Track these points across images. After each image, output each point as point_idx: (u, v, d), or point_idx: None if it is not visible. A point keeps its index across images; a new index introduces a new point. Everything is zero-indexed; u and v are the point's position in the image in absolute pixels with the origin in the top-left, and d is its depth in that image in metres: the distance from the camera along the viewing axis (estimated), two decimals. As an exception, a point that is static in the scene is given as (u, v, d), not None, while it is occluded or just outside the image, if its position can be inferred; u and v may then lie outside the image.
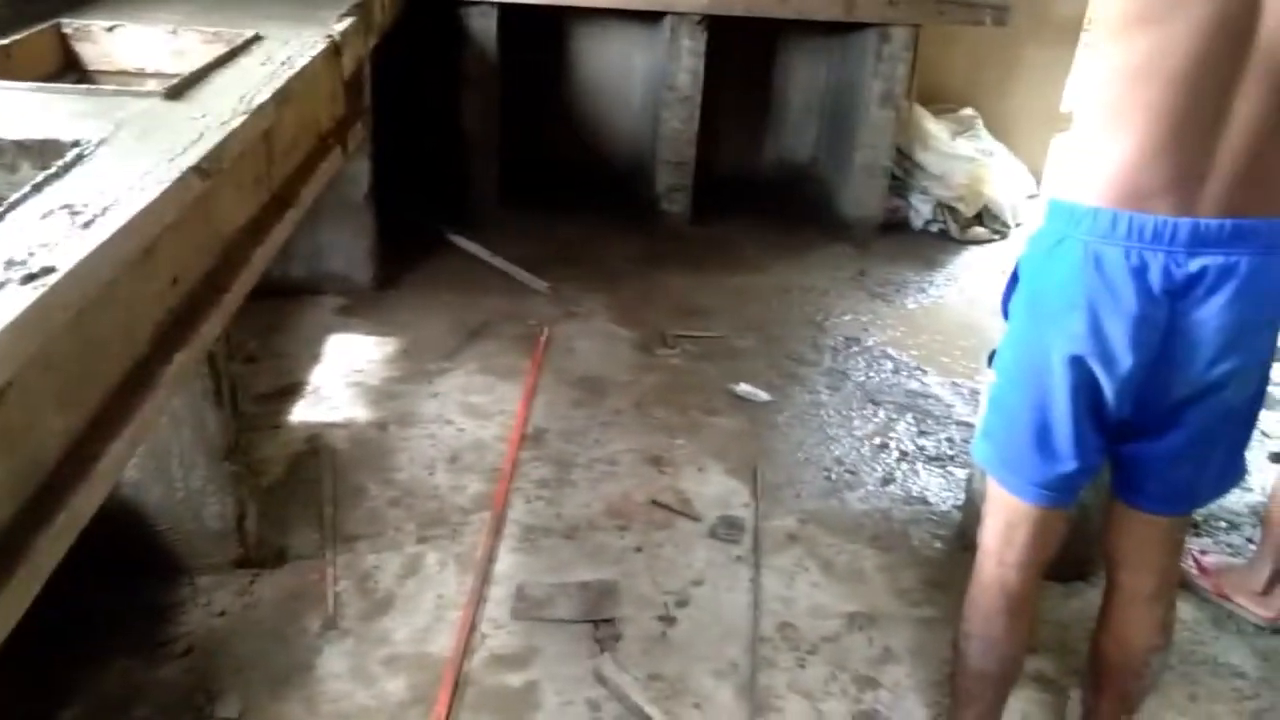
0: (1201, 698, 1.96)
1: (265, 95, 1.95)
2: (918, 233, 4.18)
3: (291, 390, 2.73)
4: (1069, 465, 1.39)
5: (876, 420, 2.84)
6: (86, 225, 1.29)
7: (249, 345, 2.87)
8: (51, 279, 1.14)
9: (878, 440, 2.74)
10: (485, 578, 2.12)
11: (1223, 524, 2.48)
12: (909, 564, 2.28)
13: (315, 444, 2.51)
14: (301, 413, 2.65)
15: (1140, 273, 1.25)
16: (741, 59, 4.24)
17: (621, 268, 3.72)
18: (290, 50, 2.27)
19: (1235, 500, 2.55)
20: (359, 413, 2.66)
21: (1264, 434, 2.66)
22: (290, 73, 2.12)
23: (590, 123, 4.32)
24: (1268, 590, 2.14)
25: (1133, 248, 1.25)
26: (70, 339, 1.22)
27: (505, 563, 2.18)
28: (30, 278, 1.14)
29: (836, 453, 2.68)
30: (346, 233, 3.22)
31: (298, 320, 3.09)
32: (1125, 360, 1.29)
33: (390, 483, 2.40)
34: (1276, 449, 1.50)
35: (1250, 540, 2.41)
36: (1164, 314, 1.27)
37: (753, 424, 2.79)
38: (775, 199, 4.38)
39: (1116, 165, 1.25)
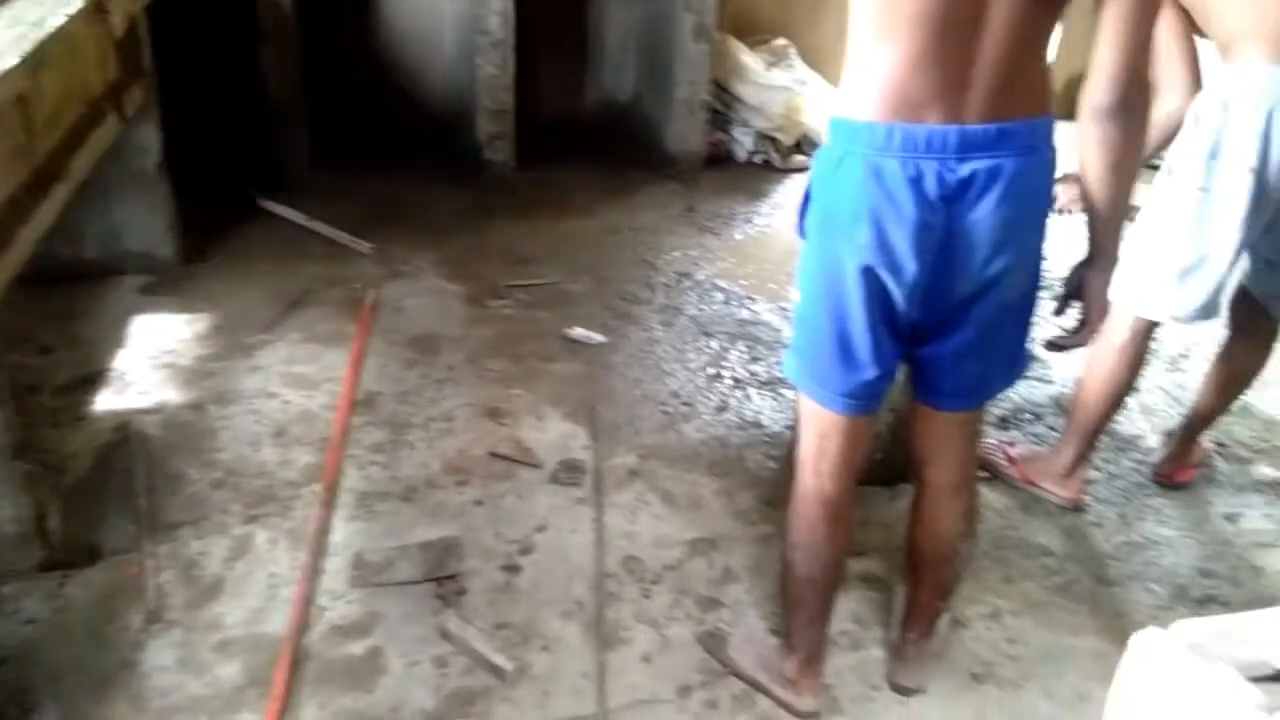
0: (1015, 578, 2.11)
1: (13, 59, 1.79)
2: (742, 165, 4.24)
3: (94, 379, 2.55)
4: (870, 373, 1.45)
5: (710, 351, 2.89)
6: None
7: (42, 335, 2.66)
8: None
9: (711, 370, 2.80)
10: (320, 550, 2.06)
11: (1028, 416, 2.66)
12: (745, 486, 2.34)
13: (125, 432, 2.36)
14: (108, 401, 2.48)
15: (917, 181, 1.30)
16: (553, -1, 4.16)
17: (449, 222, 3.63)
18: (43, 10, 2.08)
19: (1038, 393, 2.74)
20: (172, 395, 2.51)
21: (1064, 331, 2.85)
22: (42, 34, 1.96)
23: (405, 74, 4.16)
24: (1070, 473, 2.31)
25: (908, 158, 1.30)
26: None
27: (341, 532, 2.12)
28: None
29: (672, 386, 2.72)
30: (142, 207, 3.00)
31: (97, 304, 2.88)
32: (910, 266, 1.35)
33: (211, 464, 2.29)
34: (1050, 338, 1.62)
35: (1053, 429, 2.59)
36: (941, 219, 1.32)
37: (589, 367, 2.80)
38: (601, 140, 4.35)
39: (886, 78, 1.29)
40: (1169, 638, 0.81)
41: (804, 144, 4.29)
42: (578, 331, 2.94)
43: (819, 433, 1.56)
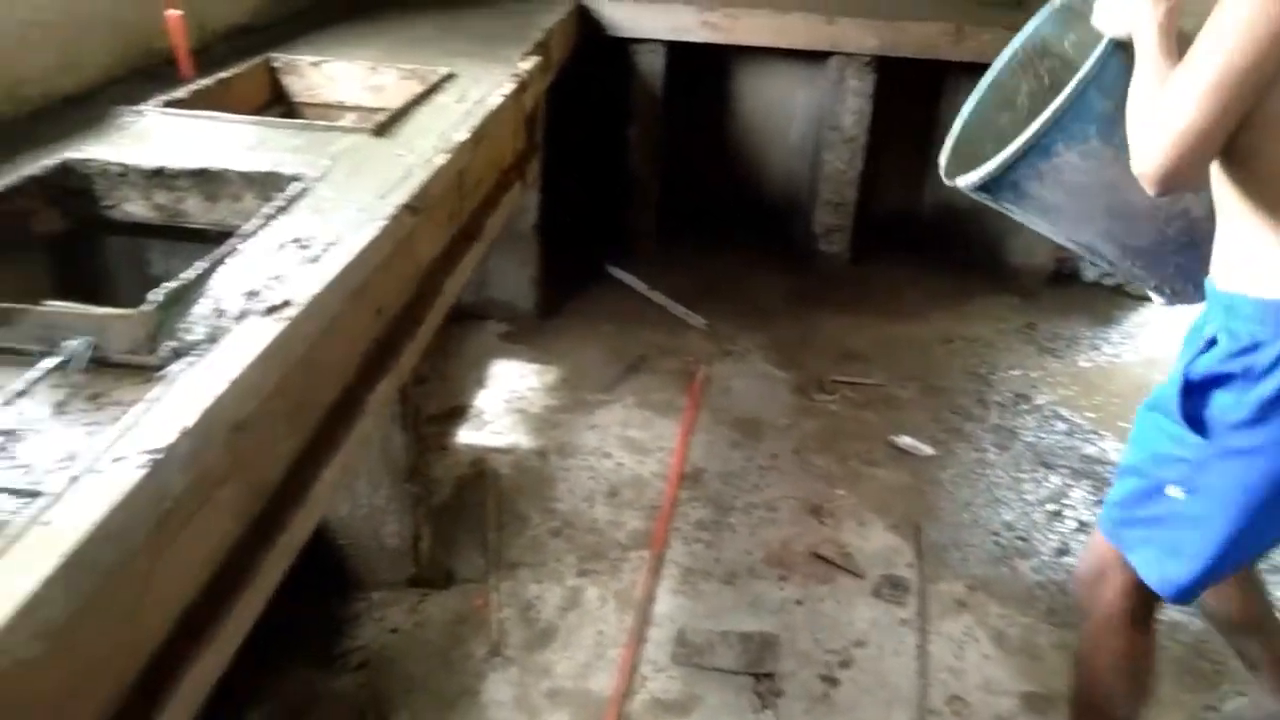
0: None
1: (463, 134, 2.02)
2: (1090, 285, 3.99)
3: (458, 413, 2.80)
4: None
5: (1049, 485, 2.70)
6: (314, 260, 1.36)
7: (420, 367, 2.96)
8: (290, 311, 1.20)
9: (1051, 507, 2.60)
10: (646, 618, 2.11)
11: None
12: (1087, 642, 2.14)
13: (480, 467, 2.56)
14: (467, 435, 2.71)
15: None
16: (904, 98, 4.15)
17: (777, 307, 3.68)
18: (482, 89, 2.34)
19: None
20: (521, 439, 2.71)
21: None
22: (485, 111, 2.19)
23: (747, 159, 4.31)
24: None
25: None
26: (298, 368, 1.27)
27: (665, 604, 2.17)
28: (271, 310, 1.20)
29: (1006, 517, 2.56)
30: (513, 261, 3.30)
31: (464, 344, 3.18)
32: None
33: (551, 512, 2.43)
34: None
35: None
36: None
37: (915, 478, 2.70)
38: (936, 243, 4.26)
39: None
40: None
41: (1164, 271, 3.95)
42: (905, 440, 2.86)
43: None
